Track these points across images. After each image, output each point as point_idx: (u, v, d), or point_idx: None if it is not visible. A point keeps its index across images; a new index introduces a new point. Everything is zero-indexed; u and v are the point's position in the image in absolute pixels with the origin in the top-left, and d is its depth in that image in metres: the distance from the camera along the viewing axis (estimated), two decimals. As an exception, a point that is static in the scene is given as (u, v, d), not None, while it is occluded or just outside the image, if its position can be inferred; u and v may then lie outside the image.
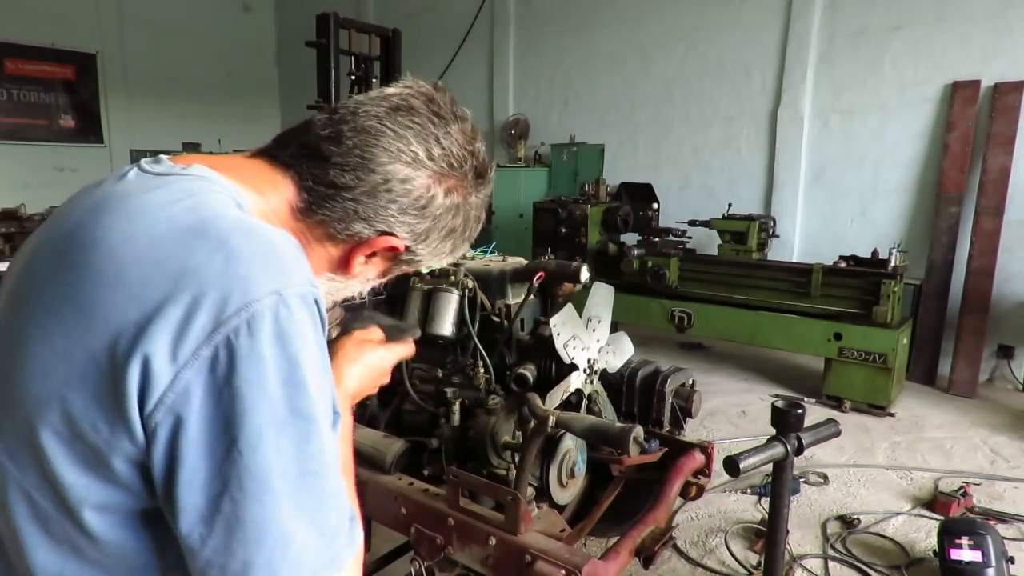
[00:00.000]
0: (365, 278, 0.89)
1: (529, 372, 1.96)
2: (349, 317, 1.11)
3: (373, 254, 0.85)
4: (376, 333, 1.02)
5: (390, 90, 0.84)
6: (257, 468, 0.60)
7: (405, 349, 1.05)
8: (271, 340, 0.62)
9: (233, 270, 0.63)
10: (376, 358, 0.99)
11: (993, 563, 2.59)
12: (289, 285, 0.65)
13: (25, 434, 0.65)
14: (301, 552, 0.63)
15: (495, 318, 2.10)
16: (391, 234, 0.82)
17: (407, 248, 0.85)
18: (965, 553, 2.62)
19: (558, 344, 1.90)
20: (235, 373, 0.60)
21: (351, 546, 0.69)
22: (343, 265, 0.85)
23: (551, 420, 1.70)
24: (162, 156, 0.79)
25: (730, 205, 6.18)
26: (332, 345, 0.97)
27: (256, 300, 0.62)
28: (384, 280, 0.94)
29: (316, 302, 0.68)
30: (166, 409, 0.60)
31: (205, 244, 0.64)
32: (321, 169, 0.79)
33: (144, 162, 0.77)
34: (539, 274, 2.00)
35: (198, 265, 0.62)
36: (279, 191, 0.80)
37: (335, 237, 0.82)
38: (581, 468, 2.01)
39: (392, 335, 1.05)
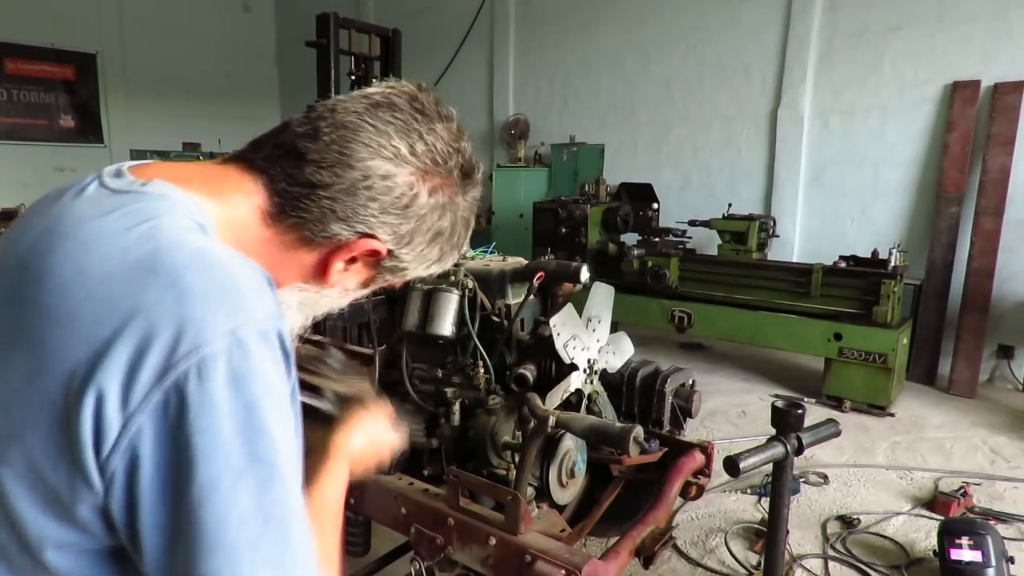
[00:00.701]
0: (344, 287, 0.83)
1: (529, 372, 1.96)
2: (306, 353, 1.04)
3: (353, 260, 0.80)
4: (387, 411, 1.04)
5: (371, 89, 0.80)
6: (210, 520, 0.57)
7: (402, 441, 1.05)
8: (224, 385, 0.58)
9: (185, 310, 0.59)
10: (384, 436, 1.00)
11: (993, 563, 2.59)
12: (247, 323, 0.61)
13: None
14: None
15: (495, 318, 2.10)
16: (372, 236, 0.77)
17: (390, 252, 0.79)
18: (965, 553, 2.62)
19: (558, 344, 1.90)
20: (185, 421, 0.57)
21: None
22: (319, 273, 0.79)
23: (551, 420, 1.70)
24: (124, 167, 0.74)
25: (730, 205, 6.18)
26: (344, 411, 0.98)
27: (207, 343, 0.58)
28: (365, 292, 0.87)
29: (280, 337, 0.64)
30: (120, 454, 0.58)
31: (157, 281, 0.60)
32: (296, 168, 0.74)
33: (106, 173, 0.73)
34: (539, 274, 2.00)
35: (149, 304, 0.59)
36: (249, 198, 0.75)
37: (311, 241, 0.76)
38: (581, 468, 2.01)
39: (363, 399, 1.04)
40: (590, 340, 2.02)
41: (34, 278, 0.64)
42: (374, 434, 0.99)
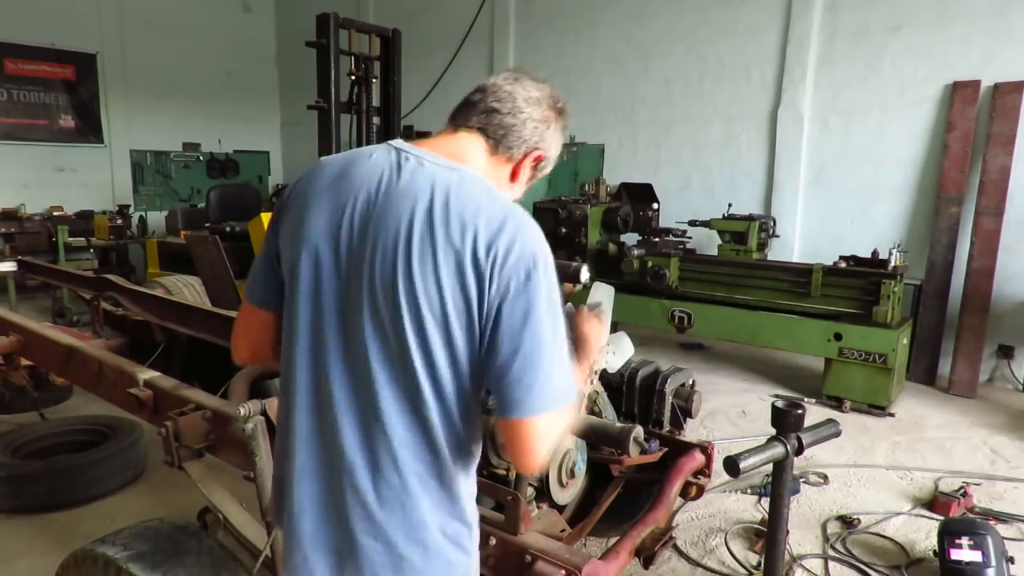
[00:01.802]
0: (522, 183, 1.37)
1: (529, 372, 1.96)
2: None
3: (527, 165, 1.34)
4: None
5: (504, 73, 1.37)
6: (540, 330, 1.09)
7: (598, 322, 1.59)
8: (544, 269, 1.12)
9: (528, 234, 1.13)
10: (596, 330, 1.55)
11: (993, 563, 2.59)
12: (544, 243, 1.15)
13: (435, 307, 1.10)
14: (553, 385, 1.10)
15: (495, 318, 2.09)
16: (537, 147, 1.32)
17: (544, 157, 1.35)
18: (965, 553, 2.62)
19: (558, 344, 1.90)
20: (532, 282, 1.09)
21: (571, 398, 1.14)
22: (512, 176, 1.34)
23: (551, 420, 1.69)
24: (414, 149, 1.22)
25: (730, 205, 6.18)
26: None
27: (536, 249, 1.12)
28: (529, 184, 1.41)
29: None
30: (498, 297, 1.09)
31: (513, 217, 1.13)
32: (496, 120, 1.28)
33: (414, 152, 1.21)
34: (539, 274, 2.00)
35: (511, 227, 1.11)
36: (477, 146, 1.28)
37: (512, 158, 1.31)
38: (581, 468, 2.01)
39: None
40: (590, 340, 2.02)
41: (445, 206, 1.12)
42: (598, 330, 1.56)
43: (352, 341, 1.15)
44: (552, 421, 1.11)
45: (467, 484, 1.22)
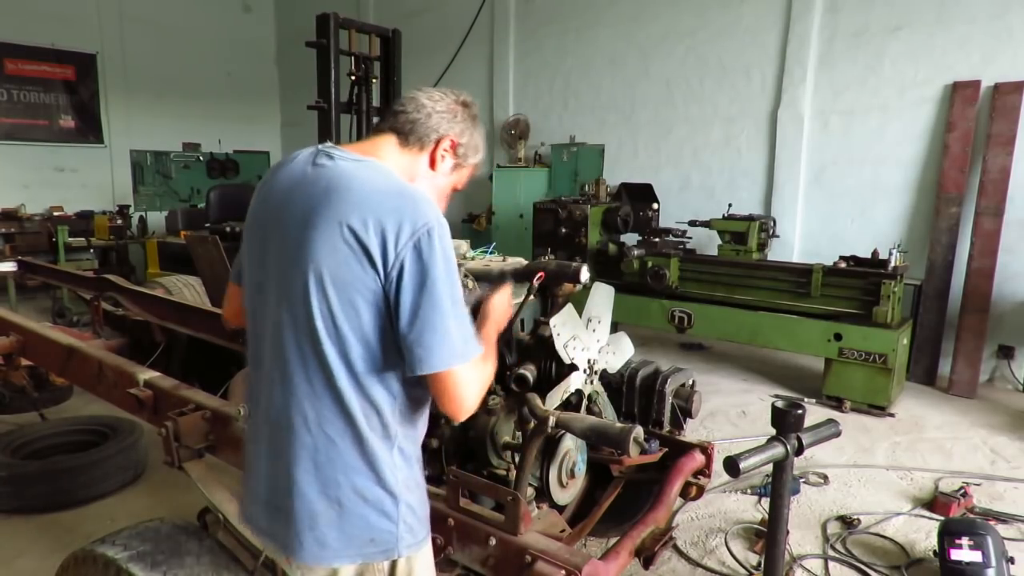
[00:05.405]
0: (444, 171, 1.51)
1: (529, 372, 1.96)
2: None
3: (443, 153, 1.49)
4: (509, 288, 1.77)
5: (412, 90, 1.53)
6: (436, 295, 1.23)
7: (507, 290, 1.75)
8: (439, 239, 1.25)
9: (419, 209, 1.26)
10: (501, 298, 1.69)
11: (993, 563, 2.59)
12: (438, 216, 1.28)
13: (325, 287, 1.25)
14: (453, 341, 1.24)
15: (495, 318, 2.09)
16: (447, 136, 1.47)
17: (459, 144, 1.49)
18: (965, 553, 2.62)
19: (558, 344, 1.90)
20: (425, 253, 1.23)
21: (477, 350, 1.30)
22: (431, 165, 1.48)
23: (551, 420, 1.70)
24: (333, 149, 1.38)
25: (730, 205, 6.18)
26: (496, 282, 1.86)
27: (429, 221, 1.25)
28: (456, 179, 1.55)
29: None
30: (394, 267, 1.22)
31: (405, 199, 1.28)
32: (403, 118, 1.46)
33: (329, 152, 1.37)
34: (539, 274, 2.00)
35: (405, 207, 1.25)
36: (389, 143, 1.46)
37: (423, 147, 1.47)
38: (581, 468, 2.01)
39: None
40: (590, 340, 2.02)
41: (342, 189, 1.27)
42: (506, 296, 1.72)
43: (273, 308, 1.32)
44: (467, 372, 1.28)
45: (390, 454, 1.31)
